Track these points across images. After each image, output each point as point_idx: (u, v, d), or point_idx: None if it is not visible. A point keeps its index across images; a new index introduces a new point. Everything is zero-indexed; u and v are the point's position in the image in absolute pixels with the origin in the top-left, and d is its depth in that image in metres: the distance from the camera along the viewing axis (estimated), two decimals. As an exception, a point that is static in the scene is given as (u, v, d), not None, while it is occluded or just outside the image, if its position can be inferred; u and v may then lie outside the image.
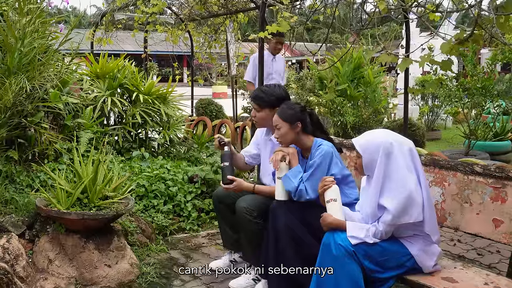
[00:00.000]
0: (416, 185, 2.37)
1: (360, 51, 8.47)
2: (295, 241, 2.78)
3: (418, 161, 2.44)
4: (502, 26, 2.65)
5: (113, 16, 7.86)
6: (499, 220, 2.49)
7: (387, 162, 2.38)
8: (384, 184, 2.38)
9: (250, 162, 3.46)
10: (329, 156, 2.80)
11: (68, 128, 4.13)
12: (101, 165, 3.24)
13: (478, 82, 6.68)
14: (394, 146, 2.39)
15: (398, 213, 2.33)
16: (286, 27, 3.82)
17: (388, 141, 2.40)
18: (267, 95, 3.16)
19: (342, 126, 7.92)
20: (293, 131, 2.88)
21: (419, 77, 11.21)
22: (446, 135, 10.47)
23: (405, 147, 2.42)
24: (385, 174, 2.38)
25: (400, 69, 3.01)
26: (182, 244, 3.85)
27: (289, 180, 2.82)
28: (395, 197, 2.34)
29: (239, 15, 7.71)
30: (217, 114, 10.09)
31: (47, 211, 3.05)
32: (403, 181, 2.35)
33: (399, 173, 2.36)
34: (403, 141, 2.46)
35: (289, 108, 2.91)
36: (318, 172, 2.76)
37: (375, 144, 2.41)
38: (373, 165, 2.41)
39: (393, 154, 2.38)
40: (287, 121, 2.86)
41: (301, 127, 2.89)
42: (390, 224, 2.36)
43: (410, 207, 2.33)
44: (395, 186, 2.36)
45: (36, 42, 3.63)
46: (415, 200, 2.34)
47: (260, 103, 3.17)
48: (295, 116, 2.87)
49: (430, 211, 2.41)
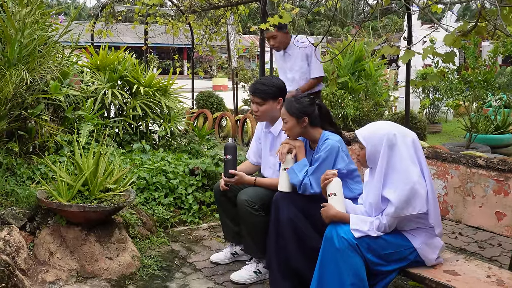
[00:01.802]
0: (420, 176, 2.35)
1: (361, 44, 8.43)
2: (297, 235, 2.78)
3: (421, 153, 2.43)
4: (506, 18, 2.63)
5: (113, 8, 7.82)
6: (501, 213, 2.48)
7: (390, 153, 2.37)
8: (387, 175, 2.37)
9: (258, 162, 3.44)
10: (335, 151, 2.78)
11: (68, 120, 4.12)
12: (102, 157, 3.23)
13: (479, 75, 6.66)
14: (398, 138, 2.38)
15: (402, 205, 2.32)
16: (287, 19, 3.79)
17: (391, 133, 2.39)
18: (268, 86, 3.14)
19: (343, 119, 7.90)
20: (299, 125, 2.86)
21: (420, 70, 11.18)
22: (447, 128, 10.46)
23: (409, 139, 2.41)
24: (388, 165, 2.37)
25: (402, 61, 2.98)
26: (183, 236, 3.85)
27: (295, 173, 2.81)
28: (398, 189, 2.33)
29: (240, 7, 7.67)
30: (218, 106, 10.07)
31: (48, 203, 3.04)
32: (406, 172, 2.34)
33: (402, 164, 2.35)
34: (406, 132, 2.44)
35: (297, 101, 2.87)
36: (323, 167, 2.74)
37: (379, 135, 2.40)
38: (376, 156, 2.39)
39: (396, 146, 2.37)
40: (294, 116, 2.84)
41: (308, 122, 2.86)
42: (393, 216, 2.35)
43: (413, 198, 2.32)
44: (398, 177, 2.35)
45: (36, 34, 3.61)
46: (418, 191, 2.32)
47: (263, 96, 3.14)
48: (302, 110, 2.84)
49: (434, 203, 2.40)
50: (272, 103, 3.14)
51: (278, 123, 3.18)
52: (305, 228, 2.79)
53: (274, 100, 3.14)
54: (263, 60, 4.81)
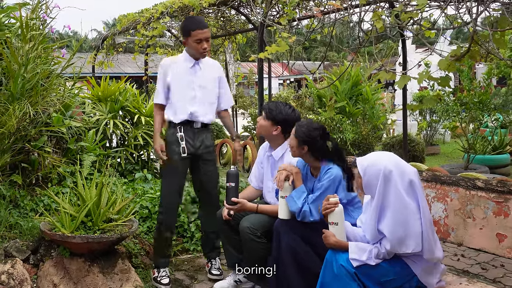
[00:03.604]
0: (415, 215, 2.33)
1: (358, 69, 8.57)
2: (298, 261, 2.79)
3: (419, 190, 2.39)
4: (498, 42, 2.71)
5: (114, 40, 7.96)
6: (502, 235, 2.50)
7: (386, 189, 2.35)
8: (382, 210, 2.37)
9: (260, 186, 3.46)
10: (338, 180, 2.81)
11: (71, 151, 4.16)
12: (104, 187, 3.26)
13: (475, 96, 6.76)
14: (394, 175, 2.34)
15: (395, 243, 2.32)
16: (285, 47, 3.88)
17: (388, 169, 2.35)
18: (277, 110, 3.20)
19: (342, 143, 7.96)
20: (299, 149, 2.90)
21: (416, 93, 11.30)
22: (445, 149, 10.50)
23: (406, 177, 2.36)
24: (383, 200, 2.36)
25: (398, 86, 3.05)
26: (186, 265, 3.84)
27: (293, 201, 2.83)
28: (392, 227, 2.33)
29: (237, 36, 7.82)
30: (218, 134, 10.13)
31: (52, 235, 3.06)
32: (400, 212, 2.32)
33: (397, 202, 2.33)
34: (405, 169, 2.39)
35: (306, 128, 2.88)
36: (324, 196, 2.76)
37: (376, 169, 2.37)
38: (373, 189, 2.39)
39: (391, 182, 2.34)
40: (297, 138, 2.88)
41: (306, 151, 2.88)
42: (389, 251, 2.37)
43: (407, 238, 2.31)
44: (392, 216, 2.33)
45: (39, 68, 3.68)
46: (412, 232, 2.31)
47: (268, 114, 3.23)
48: (304, 138, 2.85)
49: (430, 239, 2.35)
50: (270, 125, 3.21)
51: (280, 148, 3.24)
52: (305, 254, 2.80)
53: (272, 124, 3.21)
54: (261, 87, 4.88)
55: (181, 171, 3.50)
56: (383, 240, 2.38)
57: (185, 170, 3.53)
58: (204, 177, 3.59)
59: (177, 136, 3.43)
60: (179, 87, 3.47)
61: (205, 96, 3.52)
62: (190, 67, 3.49)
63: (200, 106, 3.49)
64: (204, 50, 3.43)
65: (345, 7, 3.64)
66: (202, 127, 3.52)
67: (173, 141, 3.45)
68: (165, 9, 6.10)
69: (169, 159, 3.44)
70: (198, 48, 3.41)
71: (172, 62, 3.53)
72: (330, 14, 3.98)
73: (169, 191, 3.50)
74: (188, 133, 3.46)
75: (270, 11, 5.48)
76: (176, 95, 3.47)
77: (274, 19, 5.75)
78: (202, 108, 3.50)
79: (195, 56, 3.49)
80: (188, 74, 3.49)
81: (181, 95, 3.46)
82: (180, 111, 3.45)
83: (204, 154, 3.53)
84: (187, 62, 3.50)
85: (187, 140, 3.45)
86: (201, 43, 3.40)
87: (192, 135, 3.48)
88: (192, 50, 3.46)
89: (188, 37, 3.42)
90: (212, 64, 3.65)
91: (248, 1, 5.07)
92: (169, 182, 3.50)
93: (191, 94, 3.46)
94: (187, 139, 3.45)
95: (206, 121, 3.53)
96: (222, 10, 6.36)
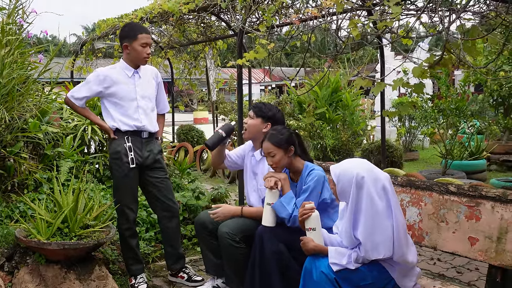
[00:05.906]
0: (387, 219, 2.36)
1: (338, 75, 8.66)
2: (281, 268, 2.80)
3: (392, 196, 2.42)
4: (469, 50, 2.78)
5: (93, 45, 7.91)
6: (474, 238, 2.55)
7: (358, 195, 2.38)
8: (356, 216, 2.40)
9: (229, 166, 3.54)
10: (322, 180, 2.86)
11: (48, 157, 4.12)
12: (81, 194, 3.23)
13: (452, 103, 6.88)
14: (366, 181, 2.37)
15: (369, 248, 2.36)
16: (263, 54, 3.92)
17: (360, 175, 2.38)
18: (266, 107, 3.30)
19: (322, 149, 8.03)
20: (287, 156, 2.91)
21: (395, 99, 11.47)
22: (424, 155, 10.66)
23: (379, 183, 2.39)
24: (356, 207, 2.39)
25: (374, 92, 3.10)
26: (164, 271, 3.82)
27: (283, 207, 2.84)
28: (365, 234, 2.36)
29: (218, 42, 7.85)
30: (199, 139, 10.13)
31: (27, 242, 3.02)
32: (372, 216, 2.35)
33: (368, 208, 2.36)
34: (377, 175, 2.42)
35: (279, 133, 2.93)
36: (312, 197, 2.80)
37: (348, 176, 2.40)
38: (346, 196, 2.42)
39: (363, 189, 2.37)
40: (281, 147, 2.89)
41: (293, 151, 2.93)
42: (364, 257, 2.41)
43: (380, 244, 2.35)
44: (365, 222, 2.36)
45: (15, 73, 3.64)
46: (383, 236, 2.35)
47: (257, 111, 3.28)
48: (287, 140, 2.91)
49: (401, 246, 2.38)
50: (260, 123, 3.26)
51: None
52: (288, 261, 2.81)
53: (262, 121, 3.26)
54: (241, 93, 4.90)
55: (133, 178, 3.46)
56: (360, 245, 2.42)
57: (136, 178, 3.49)
58: (156, 185, 3.56)
59: (125, 146, 3.39)
60: (121, 98, 3.41)
61: (148, 105, 3.50)
62: (130, 76, 3.44)
63: (146, 116, 3.46)
64: (147, 55, 3.42)
65: (323, 14, 3.69)
66: (150, 136, 3.51)
67: (120, 151, 3.40)
68: (145, 15, 6.10)
69: (118, 169, 3.41)
70: (142, 52, 3.38)
71: (109, 73, 3.44)
72: (308, 21, 4.03)
73: (124, 199, 3.45)
74: (136, 143, 3.43)
75: (250, 18, 5.52)
76: (120, 106, 3.41)
77: (254, 25, 5.79)
78: (147, 118, 3.47)
79: (135, 63, 3.45)
80: (129, 84, 3.43)
81: (125, 107, 3.41)
82: (126, 121, 3.40)
83: (153, 163, 3.52)
84: (126, 71, 3.44)
85: (135, 151, 3.41)
86: (146, 47, 3.39)
87: (140, 145, 3.45)
88: (135, 55, 3.40)
89: (134, 40, 3.37)
90: (151, 70, 3.60)
91: (228, 8, 5.10)
92: (123, 191, 3.45)
93: (134, 105, 3.42)
94: (135, 150, 3.42)
95: (153, 131, 3.52)
96: (202, 16, 6.38)
